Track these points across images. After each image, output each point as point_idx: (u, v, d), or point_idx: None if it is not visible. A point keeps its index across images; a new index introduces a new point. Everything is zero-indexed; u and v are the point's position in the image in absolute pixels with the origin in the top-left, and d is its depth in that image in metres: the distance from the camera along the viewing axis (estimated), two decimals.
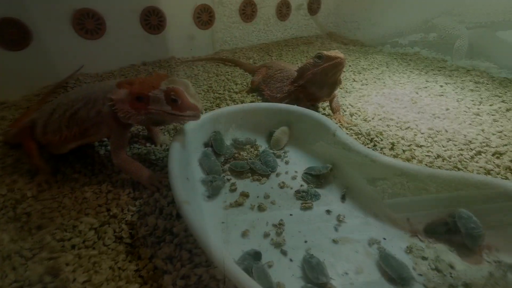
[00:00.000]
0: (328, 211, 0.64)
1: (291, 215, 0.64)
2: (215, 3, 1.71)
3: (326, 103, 1.16)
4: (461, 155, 0.86)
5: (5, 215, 0.65)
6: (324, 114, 1.08)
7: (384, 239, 0.57)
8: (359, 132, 0.97)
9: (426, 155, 0.86)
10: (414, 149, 0.88)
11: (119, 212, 0.66)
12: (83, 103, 0.71)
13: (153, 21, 1.57)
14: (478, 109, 1.11)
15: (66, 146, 0.76)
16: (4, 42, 1.21)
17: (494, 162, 0.82)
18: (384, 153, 0.86)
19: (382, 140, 0.92)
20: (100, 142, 0.91)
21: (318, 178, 0.73)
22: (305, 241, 0.57)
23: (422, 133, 0.97)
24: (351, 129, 0.99)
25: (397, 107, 1.14)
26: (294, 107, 0.84)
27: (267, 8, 1.95)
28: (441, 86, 1.30)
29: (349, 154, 0.68)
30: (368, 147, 0.85)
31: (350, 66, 1.60)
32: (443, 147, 0.90)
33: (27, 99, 1.23)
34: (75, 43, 1.40)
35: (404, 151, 0.87)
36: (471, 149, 0.89)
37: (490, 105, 1.13)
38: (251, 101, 1.18)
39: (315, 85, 0.90)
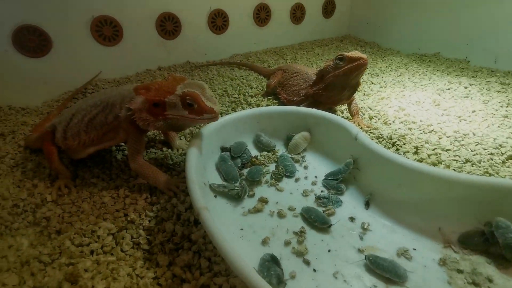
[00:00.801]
0: (351, 219, 0.61)
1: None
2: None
3: (344, 106, 1.13)
4: (492, 159, 0.81)
5: (25, 219, 0.65)
6: (342, 117, 1.05)
7: (414, 249, 0.54)
8: (380, 135, 0.93)
9: (454, 160, 0.81)
10: (439, 153, 0.84)
11: (137, 218, 0.65)
12: (101, 108, 0.71)
13: (168, 26, 1.59)
14: (506, 111, 1.05)
15: (85, 151, 0.76)
16: (25, 49, 1.25)
17: None
18: (407, 158, 0.82)
19: (404, 144, 0.88)
20: (117, 147, 0.91)
21: (340, 184, 0.70)
22: (329, 250, 0.55)
23: (448, 137, 0.93)
24: (371, 132, 0.95)
25: (419, 110, 1.10)
26: (313, 110, 0.82)
27: (281, 12, 1.94)
28: (466, 87, 1.25)
29: (372, 159, 0.65)
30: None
31: (367, 68, 1.55)
32: (472, 151, 0.85)
33: (48, 105, 1.26)
34: (94, 50, 1.43)
35: (429, 155, 0.83)
36: (502, 153, 0.83)
37: None
38: (267, 105, 1.16)
39: (336, 88, 0.87)
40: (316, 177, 0.74)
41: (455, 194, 0.55)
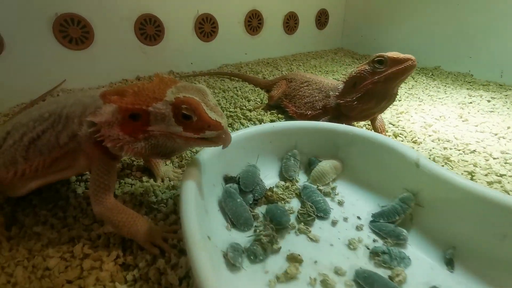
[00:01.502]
0: None
1: None
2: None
3: (363, 122, 0.96)
4: None
5: None
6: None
7: None
8: None
9: None
10: (498, 181, 0.67)
11: None
12: (49, 123, 0.48)
13: (149, 30, 1.37)
14: None
15: (26, 186, 0.52)
16: None
17: None
18: None
19: (453, 168, 0.71)
20: (79, 176, 0.67)
21: (398, 229, 0.50)
22: None
23: (495, 158, 0.77)
24: None
25: (447, 126, 0.95)
26: (345, 127, 0.63)
27: (274, 20, 1.79)
28: (489, 101, 1.13)
29: (450, 195, 0.46)
30: None
31: None
32: None
33: None
34: (57, 54, 1.19)
35: (489, 183, 0.66)
36: None
37: None
38: (271, 120, 0.97)
39: (374, 98, 0.68)
40: (359, 218, 0.54)
41: None
